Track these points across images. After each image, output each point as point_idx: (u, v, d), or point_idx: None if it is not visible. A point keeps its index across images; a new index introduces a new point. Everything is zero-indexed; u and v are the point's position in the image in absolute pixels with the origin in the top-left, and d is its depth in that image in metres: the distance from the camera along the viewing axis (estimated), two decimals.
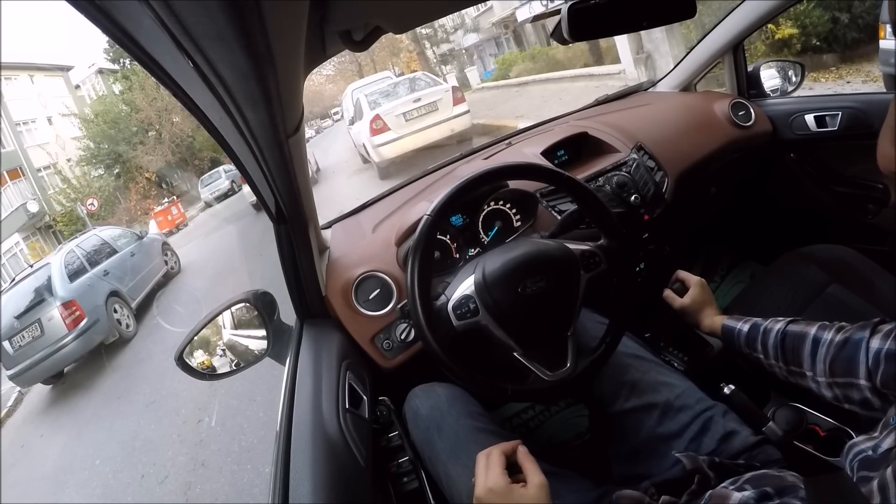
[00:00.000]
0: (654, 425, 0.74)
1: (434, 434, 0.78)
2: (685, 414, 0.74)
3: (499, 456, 0.59)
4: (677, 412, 0.74)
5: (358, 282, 0.95)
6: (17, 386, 5.79)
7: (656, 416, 0.75)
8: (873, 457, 0.44)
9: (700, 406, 0.74)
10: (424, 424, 0.80)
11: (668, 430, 0.73)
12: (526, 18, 11.13)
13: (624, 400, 0.78)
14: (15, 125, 17.22)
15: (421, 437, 0.80)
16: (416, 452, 0.81)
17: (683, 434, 0.72)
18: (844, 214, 1.34)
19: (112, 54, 20.17)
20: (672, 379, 0.79)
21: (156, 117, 18.37)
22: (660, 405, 0.75)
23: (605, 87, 6.53)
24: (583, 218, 0.90)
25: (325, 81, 27.10)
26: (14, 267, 13.66)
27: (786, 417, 0.76)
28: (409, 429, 0.83)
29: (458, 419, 0.78)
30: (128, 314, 5.96)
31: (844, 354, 0.62)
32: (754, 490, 0.51)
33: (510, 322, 0.73)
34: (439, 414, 0.79)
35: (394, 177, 5.99)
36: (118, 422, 3.81)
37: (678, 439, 0.72)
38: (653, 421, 0.75)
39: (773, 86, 1.45)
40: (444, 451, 0.75)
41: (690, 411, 0.74)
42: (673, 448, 0.72)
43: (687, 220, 1.38)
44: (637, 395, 0.77)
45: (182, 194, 18.70)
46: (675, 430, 0.73)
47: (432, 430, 0.78)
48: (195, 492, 2.46)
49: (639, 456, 0.74)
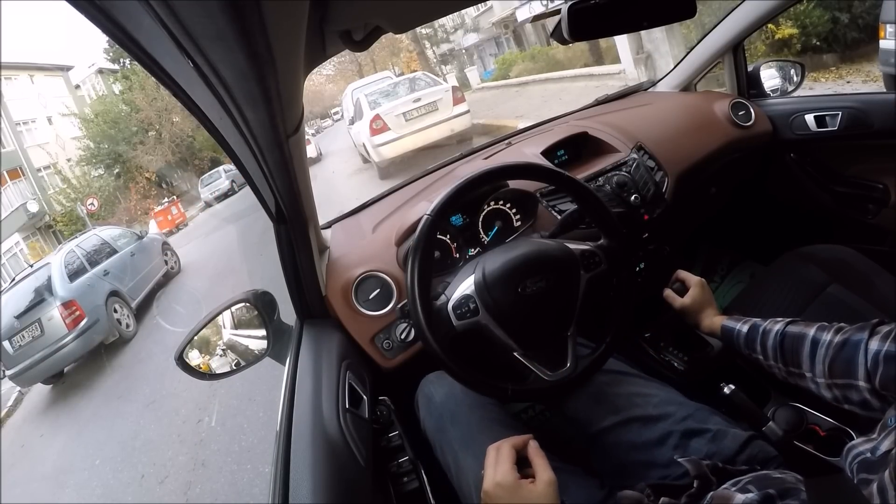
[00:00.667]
0: (634, 437, 0.74)
1: (447, 422, 0.78)
2: (665, 422, 0.73)
3: (509, 450, 0.59)
4: (657, 421, 0.73)
5: (358, 282, 0.95)
6: (17, 386, 5.79)
7: (635, 428, 0.74)
8: (872, 459, 0.44)
9: (682, 412, 0.74)
10: (438, 412, 0.80)
11: (649, 439, 0.72)
12: (526, 18, 11.14)
13: (601, 419, 0.77)
14: (15, 125, 17.22)
15: (433, 424, 0.80)
16: (420, 446, 0.81)
17: (667, 441, 0.71)
18: (844, 214, 1.34)
19: (112, 54, 20.17)
20: (649, 389, 0.79)
21: (156, 117, 18.36)
22: (639, 418, 0.75)
23: (605, 87, 6.53)
24: (583, 218, 0.90)
25: (325, 81, 27.12)
26: (14, 267, 13.66)
27: (786, 417, 0.76)
28: (420, 415, 0.83)
29: (473, 408, 0.78)
30: (128, 314, 5.96)
31: (843, 356, 0.62)
32: (757, 492, 0.51)
33: (510, 322, 0.73)
34: (454, 402, 0.79)
35: (394, 177, 5.98)
36: (118, 422, 3.81)
37: (661, 447, 0.71)
38: (632, 433, 0.74)
39: (773, 86, 1.45)
40: (457, 440, 0.75)
41: (671, 419, 0.73)
42: (657, 455, 0.71)
43: (687, 220, 1.38)
44: (613, 413, 0.76)
45: (182, 194, 18.69)
46: (655, 437, 0.72)
47: (445, 417, 0.78)
48: (195, 492, 2.46)
49: (626, 470, 0.73)
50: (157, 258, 7.37)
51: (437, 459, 0.79)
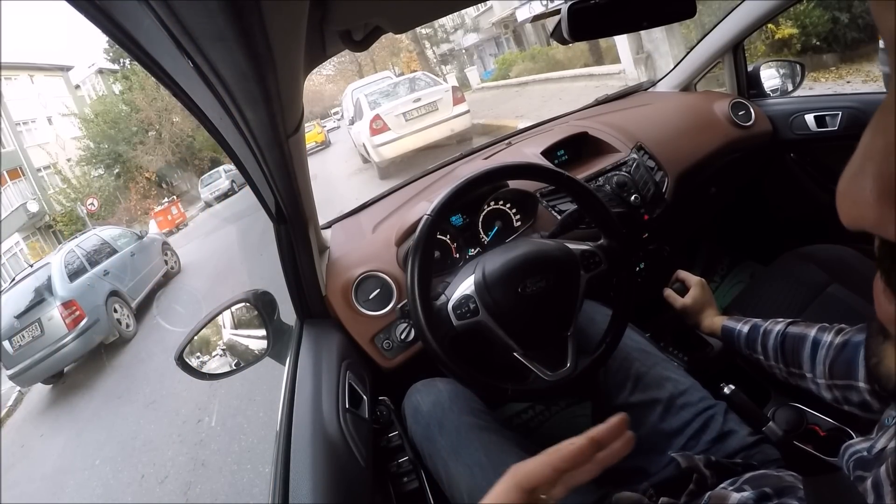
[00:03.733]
0: (657, 421, 0.74)
1: (435, 431, 0.77)
2: (687, 411, 0.74)
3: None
4: (680, 409, 0.74)
5: (358, 282, 0.95)
6: (17, 386, 5.79)
7: (659, 411, 0.75)
8: (868, 457, 0.44)
9: (703, 404, 0.74)
10: (425, 421, 0.79)
11: (670, 427, 0.73)
12: (526, 18, 11.12)
13: (629, 393, 0.78)
14: (15, 125, 17.22)
15: (421, 433, 0.79)
16: (415, 450, 0.81)
17: (684, 431, 0.72)
18: None
19: (112, 54, 20.19)
20: (676, 375, 0.79)
21: (156, 117, 18.37)
22: (663, 401, 0.75)
23: (605, 87, 6.53)
24: (583, 218, 0.90)
25: (325, 81, 27.13)
26: (14, 267, 13.67)
27: (786, 417, 0.76)
28: (407, 424, 0.82)
29: (461, 416, 0.77)
30: (128, 314, 5.96)
31: (844, 357, 0.62)
32: (753, 490, 0.51)
33: (510, 322, 0.73)
34: (441, 410, 0.78)
35: (394, 177, 5.99)
36: (118, 422, 3.81)
37: (678, 436, 0.72)
38: (655, 416, 0.75)
39: (773, 86, 1.45)
40: (445, 449, 0.75)
41: (693, 408, 0.74)
42: (672, 445, 0.72)
43: (687, 220, 1.38)
44: (641, 390, 0.77)
45: (182, 194, 18.70)
46: (676, 426, 0.73)
47: (433, 426, 0.78)
48: (195, 492, 2.46)
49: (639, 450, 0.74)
50: (157, 258, 7.37)
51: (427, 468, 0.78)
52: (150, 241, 7.62)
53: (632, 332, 0.86)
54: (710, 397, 0.76)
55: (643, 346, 0.84)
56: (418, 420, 0.80)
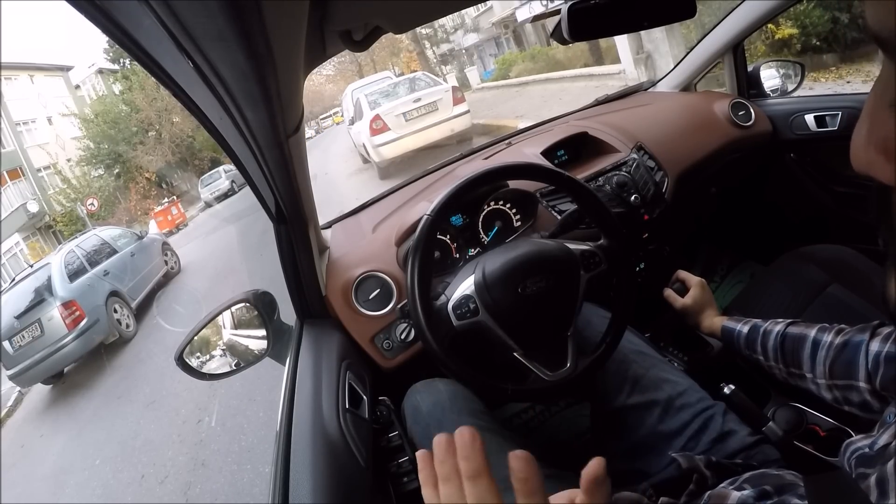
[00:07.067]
0: (656, 423, 0.74)
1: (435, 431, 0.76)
2: (686, 412, 0.74)
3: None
4: (678, 410, 0.74)
5: (358, 282, 0.95)
6: (17, 386, 5.79)
7: (657, 413, 0.75)
8: (870, 454, 0.44)
9: (701, 405, 0.74)
10: (425, 421, 0.79)
11: (669, 428, 0.73)
12: (526, 18, 11.13)
13: (626, 396, 0.78)
14: (15, 125, 17.23)
15: (421, 433, 0.79)
16: (415, 450, 0.80)
17: (683, 432, 0.72)
18: (844, 214, 1.34)
19: (112, 54, 20.17)
20: (674, 376, 0.79)
21: (156, 117, 18.37)
22: (661, 402, 0.75)
23: (605, 87, 6.53)
24: (583, 218, 0.90)
25: (325, 81, 27.14)
26: (14, 267, 13.66)
27: (786, 417, 0.76)
28: (407, 425, 0.82)
29: (461, 417, 0.77)
30: (128, 314, 5.96)
31: (844, 357, 0.62)
32: (753, 489, 0.51)
33: (510, 322, 0.73)
34: (441, 411, 0.78)
35: (394, 177, 5.98)
36: (118, 422, 3.81)
37: (678, 437, 0.72)
38: (654, 418, 0.75)
39: (773, 86, 1.45)
40: None
41: (691, 409, 0.74)
42: (672, 446, 0.72)
43: (687, 220, 1.38)
44: (639, 392, 0.77)
45: (182, 194, 18.70)
46: (675, 427, 0.73)
47: (433, 426, 0.78)
48: (195, 492, 2.46)
49: (638, 452, 0.74)
50: (157, 258, 7.37)
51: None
52: (150, 242, 7.62)
53: (630, 334, 0.86)
54: (708, 398, 0.76)
55: (641, 347, 0.84)
56: (418, 420, 0.80)
